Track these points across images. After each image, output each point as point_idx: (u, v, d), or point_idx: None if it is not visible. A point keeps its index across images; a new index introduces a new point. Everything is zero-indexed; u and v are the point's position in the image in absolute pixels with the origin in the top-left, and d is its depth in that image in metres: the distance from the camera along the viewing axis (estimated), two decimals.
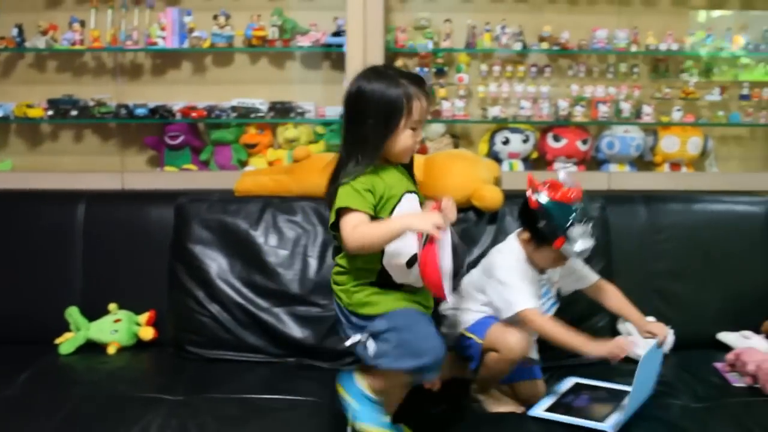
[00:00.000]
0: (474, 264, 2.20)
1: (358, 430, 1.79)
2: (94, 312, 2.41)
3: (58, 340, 2.37)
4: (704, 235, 2.53)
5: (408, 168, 1.90)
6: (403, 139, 1.77)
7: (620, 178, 2.66)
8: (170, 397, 2.05)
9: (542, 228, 1.92)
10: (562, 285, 2.15)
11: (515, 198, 2.30)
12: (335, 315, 1.93)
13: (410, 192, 1.84)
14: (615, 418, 1.93)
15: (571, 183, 1.94)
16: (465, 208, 2.36)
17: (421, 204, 1.88)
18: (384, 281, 1.82)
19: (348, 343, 1.84)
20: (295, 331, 2.29)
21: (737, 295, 2.52)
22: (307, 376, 2.22)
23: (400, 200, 1.80)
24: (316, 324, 2.29)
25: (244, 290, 2.31)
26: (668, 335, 2.07)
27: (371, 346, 1.77)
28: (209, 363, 2.29)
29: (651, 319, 2.42)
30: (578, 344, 1.89)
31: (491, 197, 2.30)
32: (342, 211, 1.75)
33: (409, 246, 1.77)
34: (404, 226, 1.71)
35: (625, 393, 2.03)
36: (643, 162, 2.76)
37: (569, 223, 1.90)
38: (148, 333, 2.41)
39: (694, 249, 2.53)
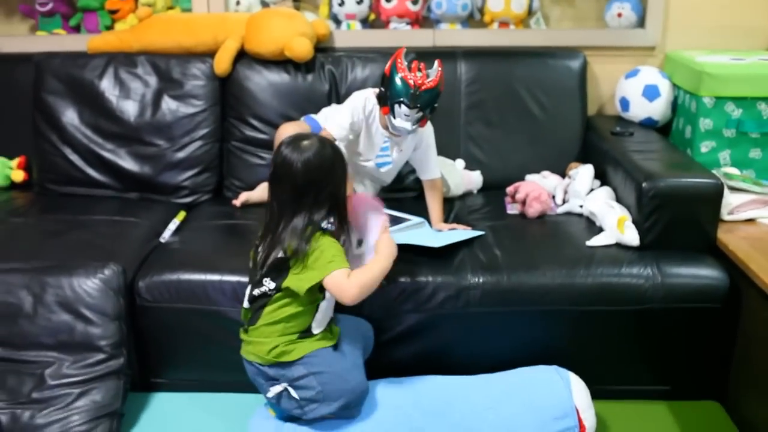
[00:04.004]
0: None
1: None
2: None
3: None
4: (520, 88, 2.77)
5: None
6: None
7: (447, 35, 2.88)
8: (16, 219, 2.44)
9: (381, 92, 2.20)
10: (412, 160, 2.43)
11: (336, 52, 2.75)
12: (250, 375, 1.91)
13: None
14: None
15: (433, 74, 2.16)
16: (281, 60, 2.66)
17: None
18: (305, 333, 1.86)
19: (270, 395, 1.86)
20: (135, 167, 2.63)
21: (549, 142, 2.77)
22: (144, 207, 2.57)
23: None
24: (153, 161, 2.63)
25: (91, 133, 2.64)
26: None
27: (294, 393, 1.83)
28: (63, 197, 2.65)
29: (459, 163, 2.73)
30: None
31: (299, 48, 2.57)
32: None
33: None
34: (389, 262, 1.85)
35: (406, 220, 2.35)
36: (475, 21, 2.97)
37: (399, 99, 2.15)
38: (18, 175, 2.78)
39: (509, 100, 2.77)
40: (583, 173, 2.51)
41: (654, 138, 2.65)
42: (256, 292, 1.86)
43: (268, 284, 1.82)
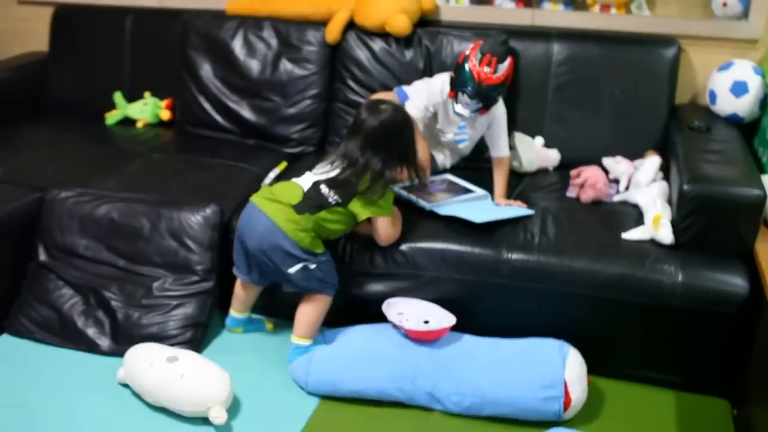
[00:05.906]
0: None
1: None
2: (134, 97, 3.38)
3: (106, 115, 3.37)
4: (609, 72, 2.87)
5: None
6: None
7: (545, 15, 3.00)
8: (156, 155, 2.98)
9: (452, 76, 2.53)
10: (486, 137, 2.71)
11: (432, 27, 3.00)
12: (283, 250, 2.23)
13: None
14: (436, 205, 2.53)
15: (501, 70, 2.45)
16: (384, 33, 2.95)
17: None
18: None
19: (293, 269, 2.24)
20: (253, 117, 3.09)
21: (630, 127, 2.87)
22: (257, 153, 3.02)
23: None
24: (269, 113, 3.07)
25: (221, 86, 3.11)
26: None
27: (315, 270, 2.27)
28: (196, 138, 3.17)
29: (538, 140, 2.91)
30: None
31: (398, 24, 2.85)
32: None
33: None
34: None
35: (471, 191, 2.62)
36: (578, 3, 3.06)
37: (463, 89, 2.47)
38: (165, 114, 3.32)
39: (597, 83, 2.89)
40: (648, 164, 2.63)
41: (731, 137, 2.66)
42: (322, 187, 2.25)
43: (332, 194, 2.24)
